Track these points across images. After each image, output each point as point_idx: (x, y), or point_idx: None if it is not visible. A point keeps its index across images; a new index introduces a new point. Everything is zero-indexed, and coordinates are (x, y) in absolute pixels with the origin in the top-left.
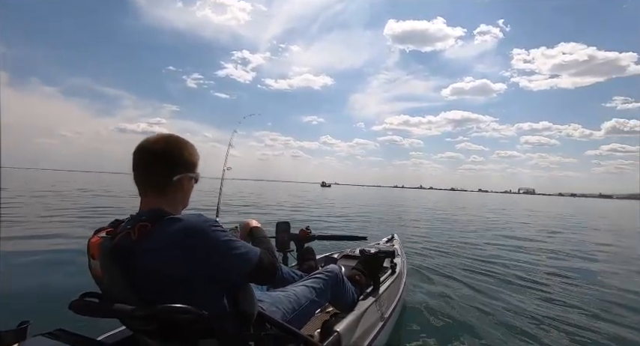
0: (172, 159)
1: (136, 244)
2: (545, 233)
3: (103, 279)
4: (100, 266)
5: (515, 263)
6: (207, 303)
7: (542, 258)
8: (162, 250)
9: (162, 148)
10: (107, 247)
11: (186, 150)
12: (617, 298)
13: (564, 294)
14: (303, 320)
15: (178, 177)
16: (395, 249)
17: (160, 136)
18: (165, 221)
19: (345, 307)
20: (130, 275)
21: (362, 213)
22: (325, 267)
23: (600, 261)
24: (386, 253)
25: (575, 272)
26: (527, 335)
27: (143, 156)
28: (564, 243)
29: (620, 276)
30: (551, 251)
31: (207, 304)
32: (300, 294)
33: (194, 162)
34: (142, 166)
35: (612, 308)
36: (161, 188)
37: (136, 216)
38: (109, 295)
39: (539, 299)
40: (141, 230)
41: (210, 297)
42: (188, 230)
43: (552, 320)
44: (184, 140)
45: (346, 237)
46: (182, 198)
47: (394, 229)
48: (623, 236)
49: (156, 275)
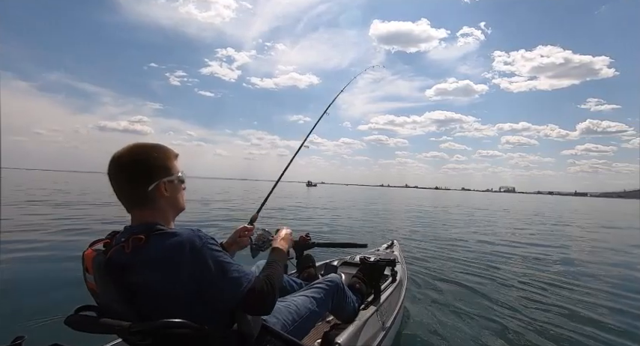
0: (141, 170)
1: (129, 257)
2: (552, 237)
3: (98, 293)
4: (95, 279)
5: (517, 268)
6: (205, 318)
7: (547, 263)
8: (154, 265)
9: (126, 162)
10: (101, 261)
11: (154, 155)
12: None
13: (573, 302)
14: (303, 331)
15: (153, 186)
16: (395, 256)
17: (124, 149)
18: (158, 235)
19: (346, 317)
20: (125, 288)
21: (353, 217)
22: (326, 277)
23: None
24: (387, 261)
25: (582, 281)
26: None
27: (113, 173)
28: (569, 249)
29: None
30: (559, 256)
31: (205, 319)
32: (300, 305)
33: (166, 166)
34: (115, 183)
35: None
36: (141, 201)
37: (129, 229)
38: (105, 308)
39: (546, 306)
40: (135, 243)
41: (208, 312)
42: (181, 246)
43: (559, 327)
44: (150, 145)
45: (346, 245)
46: (170, 204)
47: (389, 234)
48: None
49: (149, 289)
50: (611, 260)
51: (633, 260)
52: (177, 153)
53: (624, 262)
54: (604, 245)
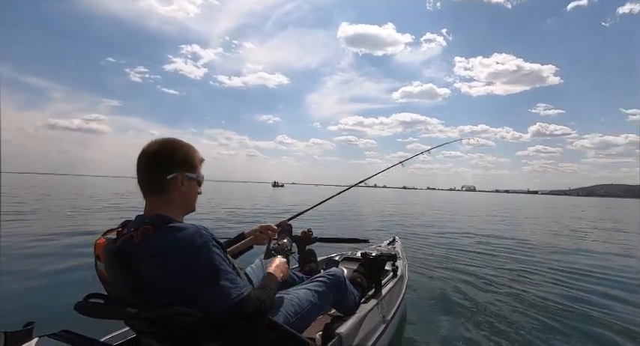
0: (165, 159)
1: (137, 247)
2: (540, 232)
3: (108, 281)
4: (105, 267)
5: (513, 260)
6: (209, 308)
7: (542, 255)
8: (157, 256)
9: (155, 149)
10: (111, 249)
11: (182, 150)
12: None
13: (575, 295)
14: (305, 324)
15: (172, 176)
16: (396, 251)
17: (158, 139)
18: (166, 228)
19: (347, 310)
20: (133, 277)
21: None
22: (328, 270)
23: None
24: (388, 256)
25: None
26: (533, 336)
27: (140, 159)
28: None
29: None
30: (552, 247)
31: (210, 308)
32: (302, 298)
33: (191, 162)
34: (139, 168)
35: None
36: (157, 188)
37: (140, 218)
38: (114, 296)
39: (546, 301)
40: (143, 233)
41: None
42: (182, 242)
43: (559, 322)
44: (182, 142)
45: (348, 240)
46: (183, 200)
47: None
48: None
49: (151, 279)
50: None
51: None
52: (203, 158)
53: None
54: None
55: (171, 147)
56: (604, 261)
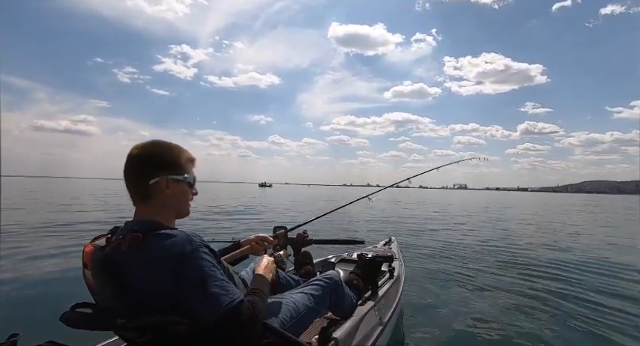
0: (146, 163)
1: (125, 255)
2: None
3: (96, 289)
4: (92, 276)
5: (510, 260)
6: (200, 316)
7: (540, 253)
8: (146, 265)
9: (137, 154)
10: (98, 257)
11: (164, 152)
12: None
13: (573, 294)
14: (301, 328)
15: (155, 180)
16: (393, 252)
17: (139, 143)
18: (154, 235)
19: (344, 313)
20: (121, 286)
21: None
22: (324, 274)
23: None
24: (384, 257)
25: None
26: (531, 335)
27: (125, 165)
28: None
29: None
30: (550, 247)
31: (201, 316)
32: (298, 302)
33: (174, 163)
34: (124, 174)
35: None
36: (142, 195)
37: (129, 225)
38: (102, 305)
39: (546, 301)
40: (132, 241)
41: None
42: (171, 249)
43: (558, 322)
44: (165, 143)
45: (344, 241)
46: (171, 204)
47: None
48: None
49: (140, 288)
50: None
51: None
52: (193, 158)
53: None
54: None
55: (152, 150)
56: (604, 258)
